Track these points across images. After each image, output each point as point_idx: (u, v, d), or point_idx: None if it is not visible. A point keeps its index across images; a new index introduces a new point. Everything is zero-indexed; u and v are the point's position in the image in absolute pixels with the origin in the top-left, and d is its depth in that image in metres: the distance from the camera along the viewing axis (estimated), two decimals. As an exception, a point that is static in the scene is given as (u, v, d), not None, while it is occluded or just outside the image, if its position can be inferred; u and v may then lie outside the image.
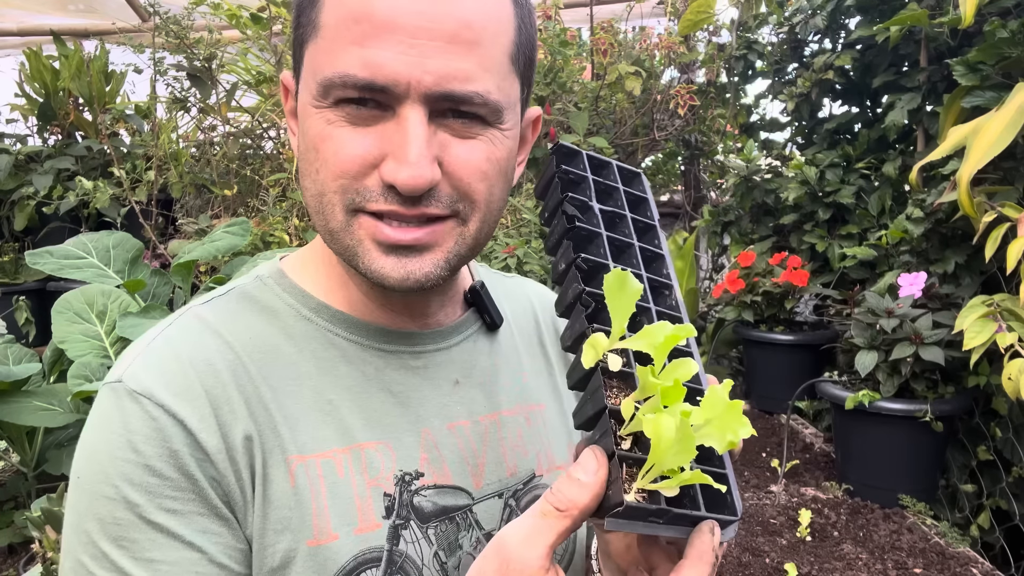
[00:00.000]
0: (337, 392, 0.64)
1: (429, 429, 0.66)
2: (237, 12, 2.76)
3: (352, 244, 0.59)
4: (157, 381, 0.57)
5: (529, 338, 0.80)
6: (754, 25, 3.00)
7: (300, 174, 0.62)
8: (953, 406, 1.85)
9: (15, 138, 3.46)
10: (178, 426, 0.56)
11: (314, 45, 0.58)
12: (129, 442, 0.55)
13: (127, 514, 0.55)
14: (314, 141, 0.58)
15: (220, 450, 0.57)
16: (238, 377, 0.60)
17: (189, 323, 0.63)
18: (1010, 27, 1.79)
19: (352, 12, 0.55)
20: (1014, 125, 1.63)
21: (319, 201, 0.59)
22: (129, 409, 0.56)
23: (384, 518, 0.62)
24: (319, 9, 0.57)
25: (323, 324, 0.66)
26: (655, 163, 3.95)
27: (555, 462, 0.75)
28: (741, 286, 2.52)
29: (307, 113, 0.59)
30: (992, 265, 1.83)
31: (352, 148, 0.56)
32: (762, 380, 2.60)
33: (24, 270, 3.26)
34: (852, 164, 2.57)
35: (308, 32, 0.59)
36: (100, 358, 1.76)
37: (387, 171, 0.56)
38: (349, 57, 0.54)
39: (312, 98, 0.57)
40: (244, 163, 3.10)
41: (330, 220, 0.59)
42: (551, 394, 0.78)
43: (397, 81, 0.54)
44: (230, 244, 2.02)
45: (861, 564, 1.66)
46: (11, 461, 2.00)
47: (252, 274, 0.69)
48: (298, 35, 0.60)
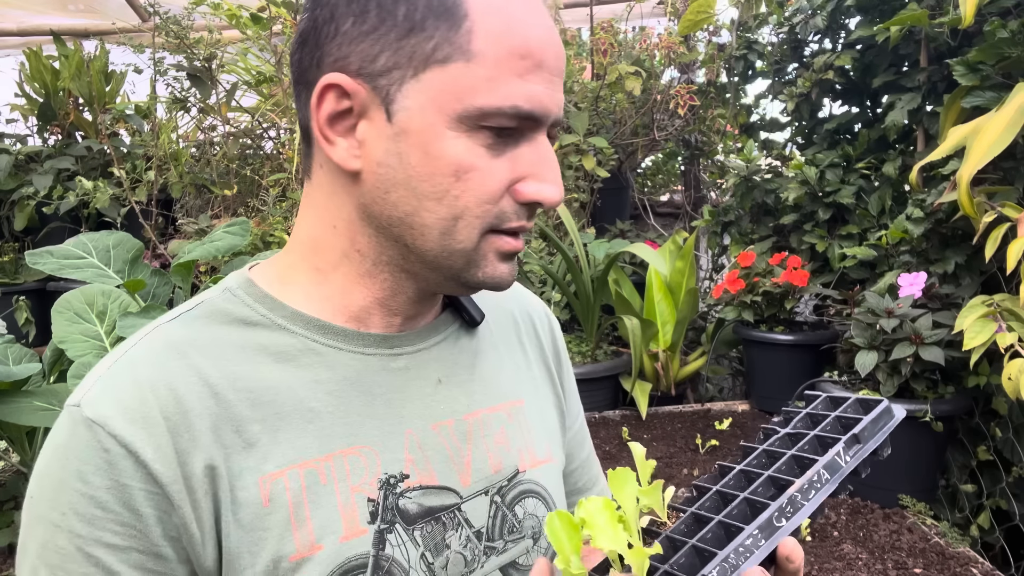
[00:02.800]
0: (318, 399, 0.63)
1: (412, 430, 0.67)
2: (237, 12, 2.76)
3: (478, 258, 0.63)
4: (114, 408, 0.57)
5: (507, 333, 0.81)
6: (754, 25, 3.00)
7: (411, 196, 0.60)
8: (953, 406, 1.85)
9: (15, 138, 3.46)
10: (130, 458, 0.56)
11: (462, 69, 0.57)
12: (79, 471, 0.56)
13: (67, 544, 0.55)
14: (455, 167, 0.59)
15: (175, 479, 0.57)
16: (203, 401, 0.59)
17: (153, 344, 0.62)
18: (1010, 27, 1.79)
19: (517, 48, 0.58)
20: (1014, 125, 1.63)
21: (453, 225, 0.61)
22: (83, 437, 0.56)
23: (369, 523, 0.62)
24: (468, 35, 0.57)
25: (299, 332, 0.65)
26: (655, 163, 3.95)
27: (537, 457, 0.76)
28: (741, 286, 2.52)
29: (436, 135, 0.58)
30: (992, 265, 1.83)
31: (498, 176, 0.60)
32: (762, 380, 2.60)
33: (24, 270, 3.26)
34: (852, 164, 2.57)
35: (449, 53, 0.57)
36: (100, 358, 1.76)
37: (532, 191, 0.61)
38: (517, 89, 0.58)
39: (449, 120, 0.58)
40: (244, 163, 3.10)
41: (463, 241, 0.62)
42: (530, 389, 0.79)
43: (548, 113, 0.60)
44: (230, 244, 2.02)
45: (861, 564, 1.66)
46: (11, 461, 2.01)
47: (220, 286, 0.68)
48: (418, 50, 0.57)
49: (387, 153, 0.60)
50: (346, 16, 0.59)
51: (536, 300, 0.89)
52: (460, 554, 0.67)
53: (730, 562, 0.51)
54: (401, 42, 0.58)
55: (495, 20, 0.57)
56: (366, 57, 0.58)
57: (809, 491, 0.56)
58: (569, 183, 3.01)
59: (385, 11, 0.58)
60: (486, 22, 0.57)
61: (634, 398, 2.60)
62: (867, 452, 0.61)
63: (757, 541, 0.53)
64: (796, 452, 0.61)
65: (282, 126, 3.04)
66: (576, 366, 2.67)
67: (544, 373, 0.83)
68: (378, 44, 0.58)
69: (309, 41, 0.61)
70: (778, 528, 0.54)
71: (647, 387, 2.64)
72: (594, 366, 2.65)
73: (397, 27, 0.57)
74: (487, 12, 0.57)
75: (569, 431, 0.86)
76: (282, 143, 2.98)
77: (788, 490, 0.56)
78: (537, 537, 0.73)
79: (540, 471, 0.75)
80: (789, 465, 0.60)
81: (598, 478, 0.91)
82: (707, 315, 3.19)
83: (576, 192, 3.04)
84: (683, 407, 2.71)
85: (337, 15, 0.59)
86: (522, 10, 0.59)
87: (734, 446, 2.32)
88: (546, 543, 0.74)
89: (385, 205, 0.61)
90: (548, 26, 0.60)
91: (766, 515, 0.53)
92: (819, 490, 0.57)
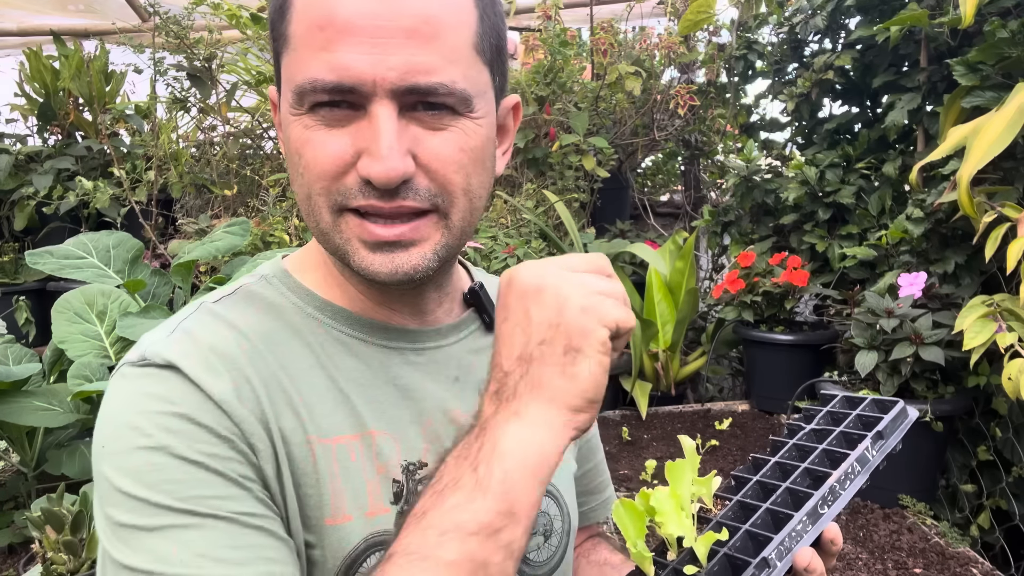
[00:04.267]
0: (346, 383, 0.65)
1: (431, 421, 0.69)
2: (237, 12, 2.76)
3: (341, 243, 0.61)
4: (182, 358, 0.58)
5: None
6: (754, 25, 3.00)
7: (292, 179, 0.64)
8: (953, 406, 1.85)
9: (15, 138, 3.46)
10: (204, 395, 0.57)
11: (287, 56, 0.61)
12: (164, 397, 0.56)
13: (164, 458, 0.54)
14: (295, 146, 0.60)
15: (245, 419, 0.58)
16: (255, 363, 0.61)
17: (203, 317, 0.64)
18: (1010, 27, 1.79)
19: (316, 20, 0.57)
20: (1014, 125, 1.63)
21: (308, 204, 0.62)
22: (157, 375, 0.57)
23: (392, 504, 0.64)
24: (288, 21, 0.60)
25: (327, 321, 0.67)
26: (655, 163, 3.95)
27: None
28: (741, 286, 2.52)
29: (287, 121, 0.61)
30: (992, 265, 1.83)
31: (329, 149, 0.59)
32: (762, 380, 2.60)
33: (24, 270, 3.26)
34: (852, 164, 2.57)
35: (281, 45, 0.61)
36: (100, 358, 1.76)
37: (362, 166, 0.58)
38: (317, 63, 0.57)
39: (290, 106, 0.60)
40: (244, 163, 3.10)
41: (320, 221, 0.62)
42: None
43: (363, 80, 0.56)
44: (230, 244, 2.02)
45: (861, 564, 1.66)
46: (11, 461, 2.00)
47: (256, 273, 0.71)
48: (275, 49, 0.63)
49: (283, 142, 0.65)
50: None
51: None
52: None
53: (785, 545, 0.57)
54: (274, 37, 0.63)
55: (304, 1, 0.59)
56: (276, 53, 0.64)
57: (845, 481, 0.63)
58: (569, 183, 3.01)
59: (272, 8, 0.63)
60: (299, 5, 0.59)
61: (634, 398, 2.60)
62: (890, 447, 0.67)
63: (806, 526, 0.59)
64: (826, 447, 0.67)
65: (282, 126, 3.04)
66: (576, 366, 2.67)
67: None
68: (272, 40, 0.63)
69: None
70: (822, 515, 0.60)
71: (647, 387, 2.63)
72: (594, 366, 2.65)
73: (271, 22, 0.63)
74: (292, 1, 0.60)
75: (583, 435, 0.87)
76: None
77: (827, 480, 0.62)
78: (548, 535, 0.75)
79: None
80: (821, 458, 0.66)
81: (608, 484, 0.93)
82: (707, 315, 3.19)
83: (576, 192, 3.04)
84: (683, 407, 2.71)
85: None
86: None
87: (734, 446, 2.32)
88: (556, 541, 0.75)
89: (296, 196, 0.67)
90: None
91: (812, 503, 0.60)
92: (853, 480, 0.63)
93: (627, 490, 2.04)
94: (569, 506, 0.77)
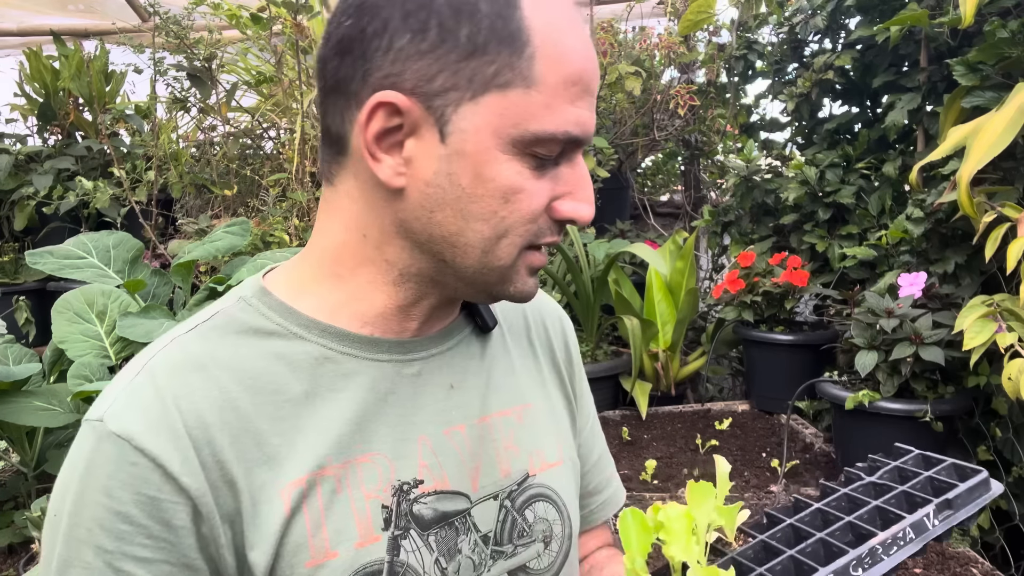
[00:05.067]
0: (333, 408, 0.63)
1: (426, 436, 0.67)
2: (237, 12, 2.76)
3: (512, 274, 0.64)
4: (139, 422, 0.57)
5: (519, 337, 0.81)
6: (754, 25, 3.00)
7: (458, 216, 0.60)
8: (953, 406, 1.85)
9: (15, 138, 3.46)
10: (158, 470, 0.55)
11: (521, 95, 0.58)
12: (105, 487, 0.55)
13: (95, 559, 0.55)
14: (504, 190, 0.60)
15: (203, 492, 0.57)
16: (223, 415, 0.59)
17: (173, 357, 0.61)
18: (1010, 27, 1.79)
19: (571, 75, 0.59)
20: (1014, 125, 1.63)
21: (495, 243, 0.62)
22: (108, 452, 0.56)
23: (383, 530, 0.62)
24: (530, 61, 0.57)
25: (314, 339, 0.64)
26: (655, 163, 3.95)
27: (547, 460, 0.76)
28: (741, 286, 2.52)
29: (490, 158, 0.59)
30: (992, 265, 1.83)
31: (541, 196, 0.61)
32: (762, 380, 2.60)
33: (24, 270, 3.25)
34: (852, 164, 2.57)
35: (510, 79, 0.57)
36: (100, 358, 1.76)
37: (568, 209, 0.63)
38: (566, 116, 0.59)
39: (503, 144, 0.58)
40: (244, 163, 3.10)
41: (503, 258, 0.63)
42: (540, 392, 0.79)
43: (589, 136, 0.61)
44: (230, 244, 2.02)
45: (861, 564, 1.66)
46: (11, 461, 2.00)
47: (234, 295, 0.67)
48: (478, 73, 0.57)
49: (437, 174, 0.59)
50: (402, 32, 0.57)
51: (551, 304, 0.90)
52: (470, 559, 0.67)
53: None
54: (461, 64, 0.57)
55: (554, 47, 0.58)
56: (423, 76, 0.57)
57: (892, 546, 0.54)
58: (569, 183, 3.01)
59: (446, 31, 0.57)
60: (546, 49, 0.58)
61: (634, 398, 2.60)
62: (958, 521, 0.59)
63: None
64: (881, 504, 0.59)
65: (282, 126, 3.04)
66: (576, 366, 2.67)
67: (555, 376, 0.83)
68: (437, 64, 0.57)
69: (353, 50, 0.59)
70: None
71: (647, 387, 2.63)
72: (594, 366, 2.65)
73: (458, 48, 0.57)
74: (548, 39, 0.58)
75: (580, 434, 0.86)
76: (282, 143, 2.98)
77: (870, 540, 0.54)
78: (548, 541, 0.73)
79: (550, 474, 0.75)
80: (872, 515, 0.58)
81: (611, 480, 0.91)
82: (707, 315, 3.19)
83: (576, 192, 3.04)
84: (683, 407, 2.71)
85: (391, 29, 0.57)
86: (575, 36, 0.60)
87: (734, 446, 2.32)
88: (557, 546, 0.74)
89: (428, 223, 0.61)
90: (593, 51, 0.62)
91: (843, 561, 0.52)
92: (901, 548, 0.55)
93: (628, 490, 2.03)
94: (570, 509, 0.76)
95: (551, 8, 0.59)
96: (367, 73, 0.59)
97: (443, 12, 0.56)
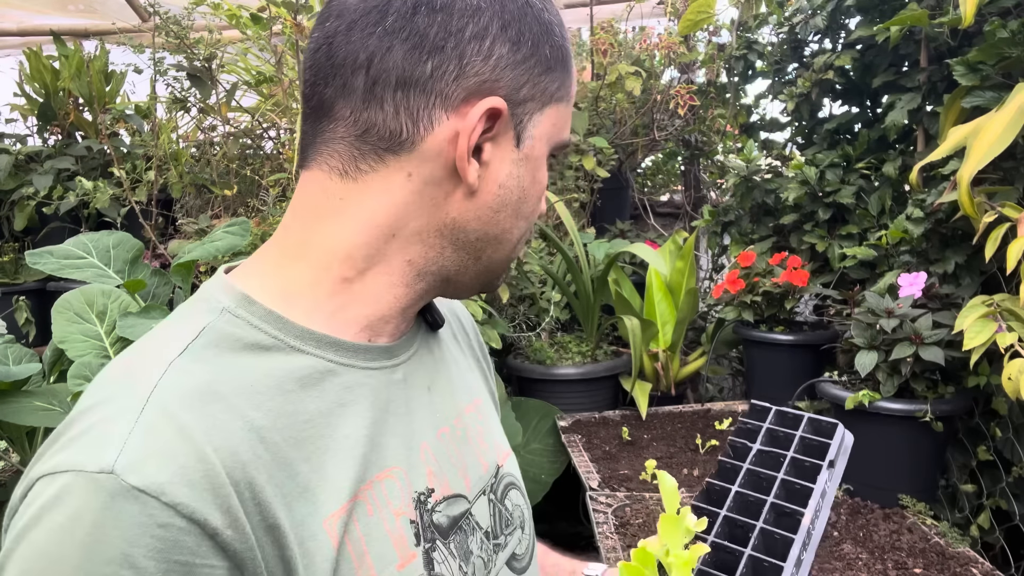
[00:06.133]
0: (348, 424, 0.60)
1: (427, 442, 0.67)
2: (237, 12, 2.76)
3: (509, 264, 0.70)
4: (168, 471, 0.46)
5: (456, 333, 0.84)
6: (754, 25, 3.00)
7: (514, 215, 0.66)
8: (953, 406, 1.85)
9: (15, 138, 3.46)
10: (195, 530, 0.46)
11: (560, 109, 0.67)
12: (125, 556, 0.44)
13: None
14: (542, 188, 0.68)
15: (249, 546, 0.49)
16: (254, 449, 0.52)
17: (182, 386, 0.52)
18: (1010, 27, 1.79)
19: (573, 93, 0.69)
20: (1014, 125, 1.63)
21: (518, 237, 0.68)
22: (128, 513, 0.45)
23: (416, 545, 0.60)
24: (570, 79, 0.67)
25: (313, 352, 0.60)
26: (655, 163, 3.95)
27: (503, 449, 0.80)
28: (741, 286, 2.52)
29: (542, 163, 0.67)
30: (992, 265, 1.83)
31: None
32: (762, 380, 2.60)
33: (24, 270, 3.25)
34: (852, 164, 2.57)
35: (563, 95, 0.67)
36: (100, 358, 1.76)
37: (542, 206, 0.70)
38: (568, 127, 0.69)
39: (548, 150, 0.67)
40: (244, 163, 3.10)
41: (517, 246, 0.68)
42: (481, 385, 0.83)
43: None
44: (230, 244, 2.02)
45: (861, 564, 1.66)
46: (11, 461, 2.00)
47: (210, 305, 0.60)
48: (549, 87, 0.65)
49: (509, 176, 0.64)
50: (502, 40, 0.60)
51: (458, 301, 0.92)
52: (480, 558, 0.68)
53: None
54: (541, 77, 0.63)
55: (572, 68, 0.68)
56: (515, 85, 0.62)
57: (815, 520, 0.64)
58: (569, 183, 3.01)
59: (535, 46, 0.63)
60: (572, 69, 0.68)
61: (634, 398, 2.60)
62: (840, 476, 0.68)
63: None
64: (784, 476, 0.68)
65: (282, 126, 3.04)
66: (576, 366, 2.67)
67: (477, 367, 0.86)
68: (525, 75, 0.62)
69: (445, 49, 0.58)
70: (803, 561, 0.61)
71: (647, 387, 2.63)
72: (594, 366, 2.65)
73: (540, 63, 0.63)
74: (571, 61, 0.68)
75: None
76: (282, 143, 2.98)
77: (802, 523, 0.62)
78: (523, 525, 0.78)
79: (510, 462, 0.80)
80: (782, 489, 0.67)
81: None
82: (707, 315, 3.19)
83: (576, 192, 3.04)
84: (683, 407, 2.71)
85: (490, 35, 0.59)
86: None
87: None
88: (528, 529, 0.79)
89: (488, 223, 0.64)
90: None
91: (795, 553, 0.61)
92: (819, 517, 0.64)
93: (627, 490, 2.04)
94: (525, 492, 0.81)
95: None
96: (462, 75, 0.59)
97: (534, 28, 0.62)
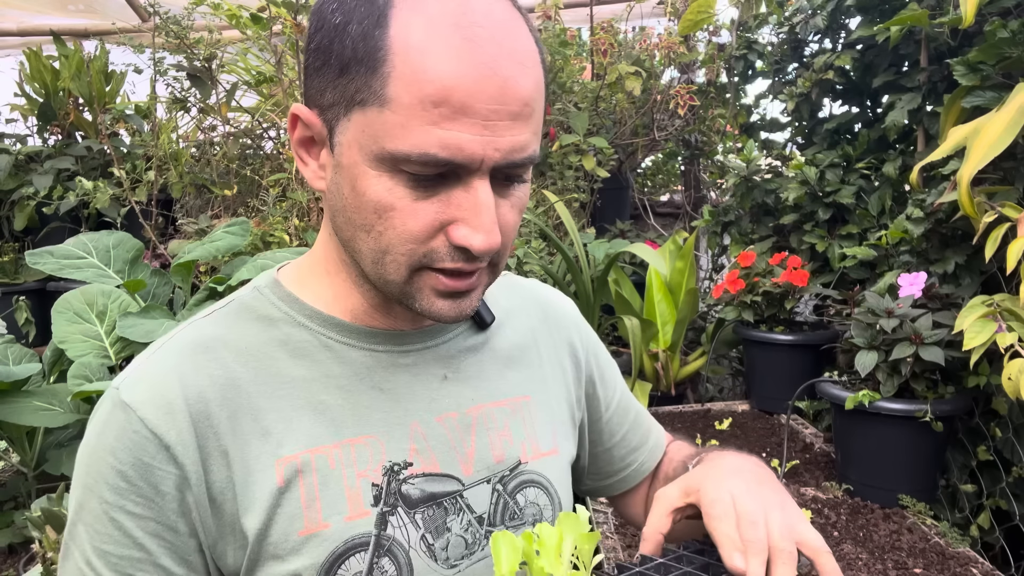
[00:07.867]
0: (329, 392, 0.69)
1: (418, 422, 0.72)
2: (237, 12, 2.76)
3: (412, 292, 0.65)
4: (145, 395, 0.64)
5: (524, 334, 0.84)
6: (754, 25, 3.00)
7: (348, 224, 0.64)
8: (953, 406, 1.85)
9: (15, 138, 3.46)
10: (154, 440, 0.63)
11: (376, 114, 0.59)
12: (112, 447, 0.63)
13: (97, 506, 0.63)
14: (375, 205, 0.61)
15: (194, 463, 0.64)
16: (224, 392, 0.66)
17: (186, 338, 0.69)
18: (1010, 27, 1.79)
19: (429, 95, 0.57)
20: (1014, 125, 1.63)
21: (381, 257, 0.63)
22: (118, 417, 0.64)
23: (372, 506, 0.68)
24: (384, 80, 0.58)
25: (316, 329, 0.71)
26: (655, 163, 3.95)
27: (540, 449, 0.80)
28: (741, 286, 2.52)
29: (360, 172, 0.61)
30: (992, 265, 1.83)
31: (421, 218, 0.61)
32: (762, 380, 2.60)
33: (24, 270, 3.25)
34: (852, 164, 2.57)
35: (367, 97, 0.59)
36: (100, 358, 1.76)
37: (460, 236, 0.60)
38: (428, 137, 0.57)
39: (368, 160, 0.60)
40: (244, 163, 3.10)
41: (392, 274, 0.64)
42: (538, 387, 0.83)
43: (473, 159, 0.58)
44: (230, 244, 2.02)
45: (861, 564, 1.66)
46: (11, 461, 2.00)
47: (251, 286, 0.75)
48: (346, 90, 0.60)
49: (332, 181, 0.65)
50: (311, 51, 0.64)
51: (560, 299, 0.93)
52: (461, 537, 0.72)
53: None
54: (336, 81, 0.61)
55: (412, 66, 0.57)
56: (318, 92, 0.63)
57: None
58: (569, 183, 3.01)
59: (326, 52, 0.61)
60: (403, 68, 0.57)
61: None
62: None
63: None
64: None
65: (282, 126, 3.04)
66: (576, 366, 2.67)
67: (558, 372, 0.86)
68: (322, 81, 0.62)
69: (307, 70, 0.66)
70: None
71: (647, 387, 2.63)
72: (594, 366, 2.64)
73: (332, 68, 0.61)
74: (408, 59, 0.57)
75: (603, 417, 0.92)
76: (282, 143, 2.98)
77: None
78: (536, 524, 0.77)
79: (543, 462, 0.80)
80: None
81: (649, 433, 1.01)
82: (707, 315, 3.19)
83: (576, 192, 3.04)
84: (683, 407, 2.71)
85: (311, 49, 0.64)
86: (450, 54, 0.57)
87: (734, 446, 2.31)
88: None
89: (337, 226, 0.67)
90: (488, 69, 0.57)
91: None
92: None
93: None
94: (561, 496, 0.81)
95: (426, 29, 0.57)
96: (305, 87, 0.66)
97: (329, 33, 0.61)
